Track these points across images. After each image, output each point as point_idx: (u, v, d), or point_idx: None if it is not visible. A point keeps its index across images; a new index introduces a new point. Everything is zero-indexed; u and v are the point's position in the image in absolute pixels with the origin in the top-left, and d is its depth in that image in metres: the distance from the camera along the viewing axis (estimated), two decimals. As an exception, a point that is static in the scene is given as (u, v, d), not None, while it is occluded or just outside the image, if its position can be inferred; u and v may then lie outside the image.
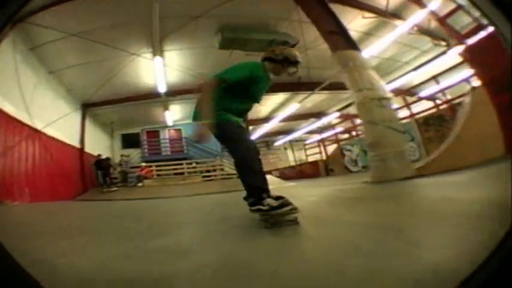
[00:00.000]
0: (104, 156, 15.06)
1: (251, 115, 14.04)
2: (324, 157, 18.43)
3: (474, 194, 3.33)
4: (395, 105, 9.14)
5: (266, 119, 20.29)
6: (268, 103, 18.33)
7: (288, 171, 19.94)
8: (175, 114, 17.99)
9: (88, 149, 14.82)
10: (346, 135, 20.53)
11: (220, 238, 2.67)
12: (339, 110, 20.48)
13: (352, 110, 19.27)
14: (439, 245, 1.79)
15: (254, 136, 20.73)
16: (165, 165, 16.16)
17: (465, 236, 1.87)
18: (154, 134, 19.49)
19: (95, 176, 14.67)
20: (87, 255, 2.25)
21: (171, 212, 5.59)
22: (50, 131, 11.63)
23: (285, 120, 20.12)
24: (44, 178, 10.72)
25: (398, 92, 14.90)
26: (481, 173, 4.87)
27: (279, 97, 17.78)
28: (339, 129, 21.55)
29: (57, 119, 11.90)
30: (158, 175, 15.63)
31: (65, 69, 12.25)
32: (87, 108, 15.24)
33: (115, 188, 13.82)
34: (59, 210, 7.45)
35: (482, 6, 1.15)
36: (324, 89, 15.56)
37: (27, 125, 10.23)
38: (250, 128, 18.76)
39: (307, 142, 25.83)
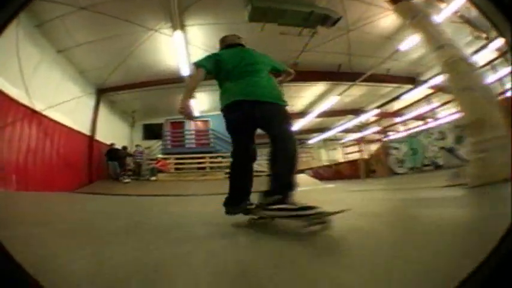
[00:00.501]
0: (118, 146, 13.52)
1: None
2: (364, 156, 15.93)
3: None
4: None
5: (302, 114, 18.16)
6: (307, 94, 16.21)
7: (323, 171, 17.64)
8: (202, 103, 15.76)
9: (102, 137, 13.32)
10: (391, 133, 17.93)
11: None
12: (378, 107, 17.98)
13: (392, 106, 17.62)
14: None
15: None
16: (186, 159, 14.19)
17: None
18: (179, 125, 17.48)
19: (105, 167, 13.08)
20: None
21: (175, 220, 3.77)
22: (54, 115, 10.25)
23: (322, 115, 18.04)
24: (39, 165, 9.36)
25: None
26: None
27: (317, 88, 15.67)
28: (374, 128, 19.17)
29: (62, 102, 10.36)
30: (177, 169, 13.75)
31: (75, 47, 10.60)
32: (102, 93, 13.57)
33: (127, 180, 12.19)
34: (40, 201, 6.57)
35: (482, 6, 1.10)
36: (365, 80, 13.52)
37: (24, 105, 8.80)
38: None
39: (343, 141, 23.88)
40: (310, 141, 24.95)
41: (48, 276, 1.36)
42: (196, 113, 16.42)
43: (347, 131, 22.34)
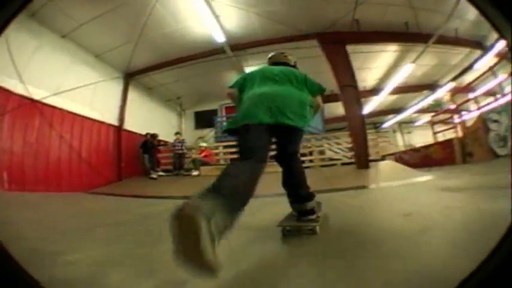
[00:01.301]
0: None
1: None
2: (459, 134, 12.35)
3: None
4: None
5: (374, 91, 15.13)
6: (377, 64, 12.89)
7: (409, 156, 13.81)
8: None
9: (139, 128, 11.32)
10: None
11: None
12: (453, 79, 14.47)
13: (465, 80, 14.28)
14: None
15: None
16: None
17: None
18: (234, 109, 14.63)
19: (140, 161, 10.90)
20: None
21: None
22: (66, 104, 8.57)
23: (396, 91, 14.84)
24: (42, 162, 7.68)
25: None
26: None
27: (387, 56, 12.33)
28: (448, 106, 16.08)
29: (70, 89, 8.53)
30: (232, 159, 10.88)
31: (79, 29, 8.62)
32: (131, 77, 11.38)
33: (154, 176, 10.01)
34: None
35: (482, 7, 1.04)
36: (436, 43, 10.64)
37: (17, 94, 7.20)
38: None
39: (417, 123, 20.70)
40: (385, 125, 21.62)
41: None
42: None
43: (422, 110, 18.79)
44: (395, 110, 19.23)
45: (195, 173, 9.97)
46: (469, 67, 12.97)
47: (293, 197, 2.65)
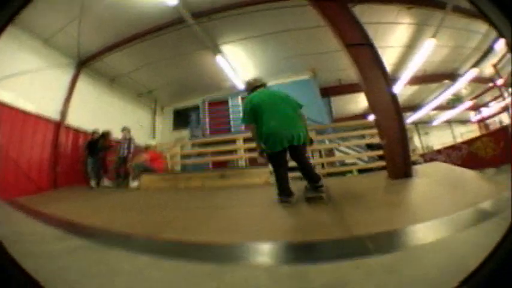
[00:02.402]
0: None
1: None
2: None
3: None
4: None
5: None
6: (392, 41, 9.77)
7: (444, 157, 10.61)
8: (238, 63, 10.00)
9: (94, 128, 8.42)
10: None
11: None
12: (474, 65, 11.58)
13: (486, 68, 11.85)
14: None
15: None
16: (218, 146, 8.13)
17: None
18: (221, 105, 11.61)
19: (82, 166, 8.12)
20: None
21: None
22: None
23: (414, 81, 12.05)
24: None
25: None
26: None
27: (403, 30, 9.30)
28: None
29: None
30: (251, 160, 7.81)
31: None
32: (84, 64, 8.89)
33: (93, 184, 7.49)
34: None
35: (482, 6, 1.02)
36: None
37: None
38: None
39: (435, 123, 17.95)
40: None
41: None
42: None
43: (441, 107, 15.91)
44: (412, 107, 15.96)
45: (133, 184, 6.78)
46: (490, 50, 10.43)
47: (308, 179, 3.97)
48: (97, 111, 9.30)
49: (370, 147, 7.55)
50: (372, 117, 5.55)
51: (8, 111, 6.77)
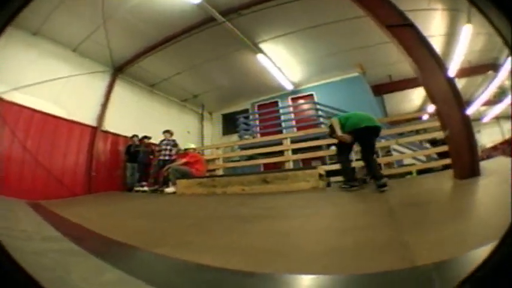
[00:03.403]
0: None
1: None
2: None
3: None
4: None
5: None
6: (433, 29, 8.34)
7: (501, 154, 9.43)
8: (281, 61, 9.12)
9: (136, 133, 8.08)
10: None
11: None
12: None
13: None
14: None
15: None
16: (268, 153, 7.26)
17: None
18: (271, 106, 10.77)
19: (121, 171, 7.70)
20: None
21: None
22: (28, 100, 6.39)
23: (458, 74, 10.44)
24: None
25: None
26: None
27: (439, 16, 8.11)
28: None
29: (34, 83, 6.43)
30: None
31: (47, 22, 6.61)
32: (120, 71, 8.50)
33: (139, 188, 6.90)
34: None
35: (482, 7, 1.00)
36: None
37: None
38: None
39: (485, 119, 16.05)
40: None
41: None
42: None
43: (489, 102, 14.01)
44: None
45: (169, 189, 6.04)
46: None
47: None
48: (139, 117, 8.86)
49: (433, 143, 6.46)
50: (431, 109, 4.67)
51: (38, 116, 6.53)
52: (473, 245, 1.39)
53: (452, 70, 10.20)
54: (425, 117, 9.86)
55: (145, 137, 7.85)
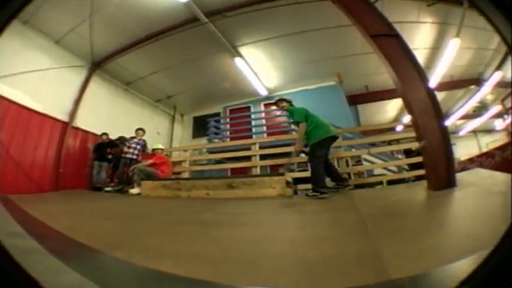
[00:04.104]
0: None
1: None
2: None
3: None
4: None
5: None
6: (418, 41, 8.45)
7: (476, 165, 9.46)
8: (259, 66, 8.97)
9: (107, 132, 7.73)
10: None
11: None
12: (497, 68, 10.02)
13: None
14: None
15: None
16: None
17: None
18: (243, 111, 10.66)
19: (88, 169, 7.38)
20: None
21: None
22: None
23: (441, 88, 10.40)
24: None
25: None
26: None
27: (427, 29, 8.06)
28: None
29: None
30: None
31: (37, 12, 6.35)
32: (97, 67, 8.15)
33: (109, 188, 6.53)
34: None
35: (482, 7, 0.96)
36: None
37: None
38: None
39: (461, 133, 16.38)
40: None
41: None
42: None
43: (467, 116, 14.38)
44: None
45: (133, 190, 5.74)
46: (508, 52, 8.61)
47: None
48: (111, 115, 8.54)
49: (408, 153, 6.35)
50: (406, 119, 4.53)
51: (14, 108, 6.20)
52: (453, 258, 1.33)
53: (433, 82, 10.21)
54: (399, 128, 9.84)
55: (120, 138, 7.54)
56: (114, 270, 1.84)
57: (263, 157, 6.62)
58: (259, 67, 8.90)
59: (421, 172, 4.51)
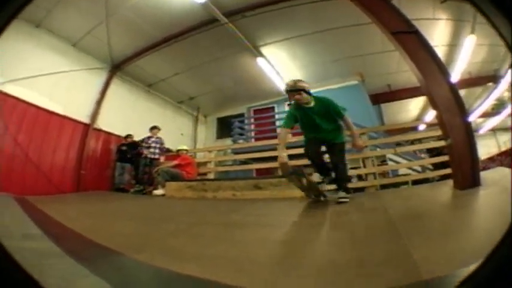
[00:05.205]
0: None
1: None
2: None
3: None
4: None
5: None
6: (436, 39, 8.07)
7: (506, 159, 9.31)
8: (281, 66, 8.88)
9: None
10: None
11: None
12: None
13: None
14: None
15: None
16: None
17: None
18: (267, 112, 10.67)
19: (111, 171, 7.42)
20: None
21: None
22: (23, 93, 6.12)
23: (460, 85, 9.75)
24: None
25: None
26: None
27: (443, 26, 7.90)
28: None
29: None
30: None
31: (50, 15, 6.37)
32: (117, 69, 8.16)
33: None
34: None
35: (482, 7, 0.97)
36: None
37: None
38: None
39: (481, 131, 15.40)
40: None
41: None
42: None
43: (486, 114, 13.75)
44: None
45: (158, 191, 5.73)
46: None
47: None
48: (133, 116, 8.50)
49: (433, 152, 6.24)
50: (429, 118, 4.38)
51: (32, 110, 6.26)
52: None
53: (454, 79, 10.04)
54: (421, 127, 9.66)
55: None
56: (133, 272, 1.81)
57: (290, 157, 6.55)
58: (282, 67, 8.79)
59: (446, 171, 4.48)
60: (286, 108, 10.28)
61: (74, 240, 2.47)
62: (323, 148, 3.95)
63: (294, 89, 3.65)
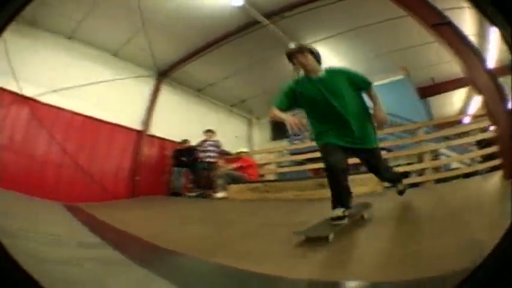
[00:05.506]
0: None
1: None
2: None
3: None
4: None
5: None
6: (465, 28, 7.94)
7: None
8: (326, 64, 8.51)
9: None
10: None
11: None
12: None
13: None
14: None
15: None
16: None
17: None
18: None
19: (167, 176, 7.68)
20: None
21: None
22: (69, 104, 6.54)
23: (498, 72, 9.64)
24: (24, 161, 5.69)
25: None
26: None
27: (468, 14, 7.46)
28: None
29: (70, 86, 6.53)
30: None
31: (80, 27, 6.69)
32: (165, 75, 8.47)
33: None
34: None
35: (482, 7, 1.02)
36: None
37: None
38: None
39: None
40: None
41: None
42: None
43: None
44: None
45: (219, 194, 5.96)
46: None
47: None
48: (186, 121, 8.69)
49: (482, 144, 6.30)
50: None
51: (79, 119, 6.68)
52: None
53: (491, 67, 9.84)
54: (466, 120, 9.58)
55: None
56: (212, 276, 1.85)
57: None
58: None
59: (495, 163, 4.40)
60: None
61: (139, 247, 2.58)
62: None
63: (297, 49, 2.76)
